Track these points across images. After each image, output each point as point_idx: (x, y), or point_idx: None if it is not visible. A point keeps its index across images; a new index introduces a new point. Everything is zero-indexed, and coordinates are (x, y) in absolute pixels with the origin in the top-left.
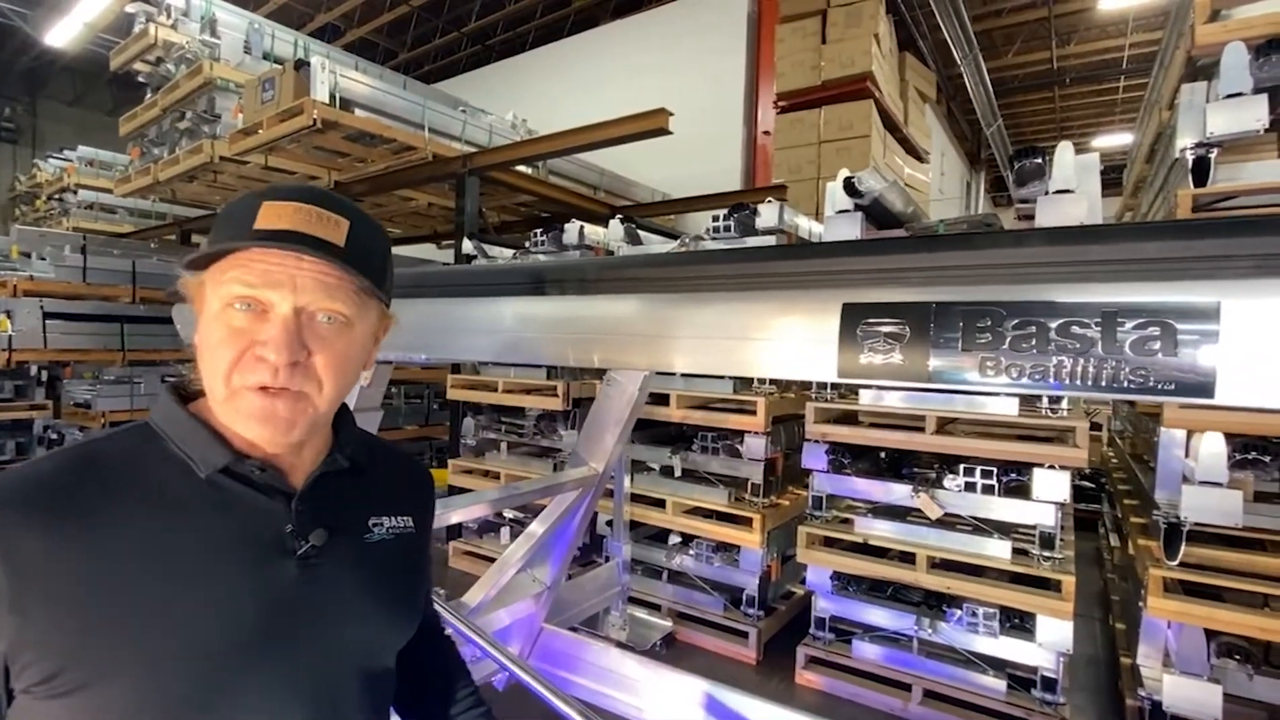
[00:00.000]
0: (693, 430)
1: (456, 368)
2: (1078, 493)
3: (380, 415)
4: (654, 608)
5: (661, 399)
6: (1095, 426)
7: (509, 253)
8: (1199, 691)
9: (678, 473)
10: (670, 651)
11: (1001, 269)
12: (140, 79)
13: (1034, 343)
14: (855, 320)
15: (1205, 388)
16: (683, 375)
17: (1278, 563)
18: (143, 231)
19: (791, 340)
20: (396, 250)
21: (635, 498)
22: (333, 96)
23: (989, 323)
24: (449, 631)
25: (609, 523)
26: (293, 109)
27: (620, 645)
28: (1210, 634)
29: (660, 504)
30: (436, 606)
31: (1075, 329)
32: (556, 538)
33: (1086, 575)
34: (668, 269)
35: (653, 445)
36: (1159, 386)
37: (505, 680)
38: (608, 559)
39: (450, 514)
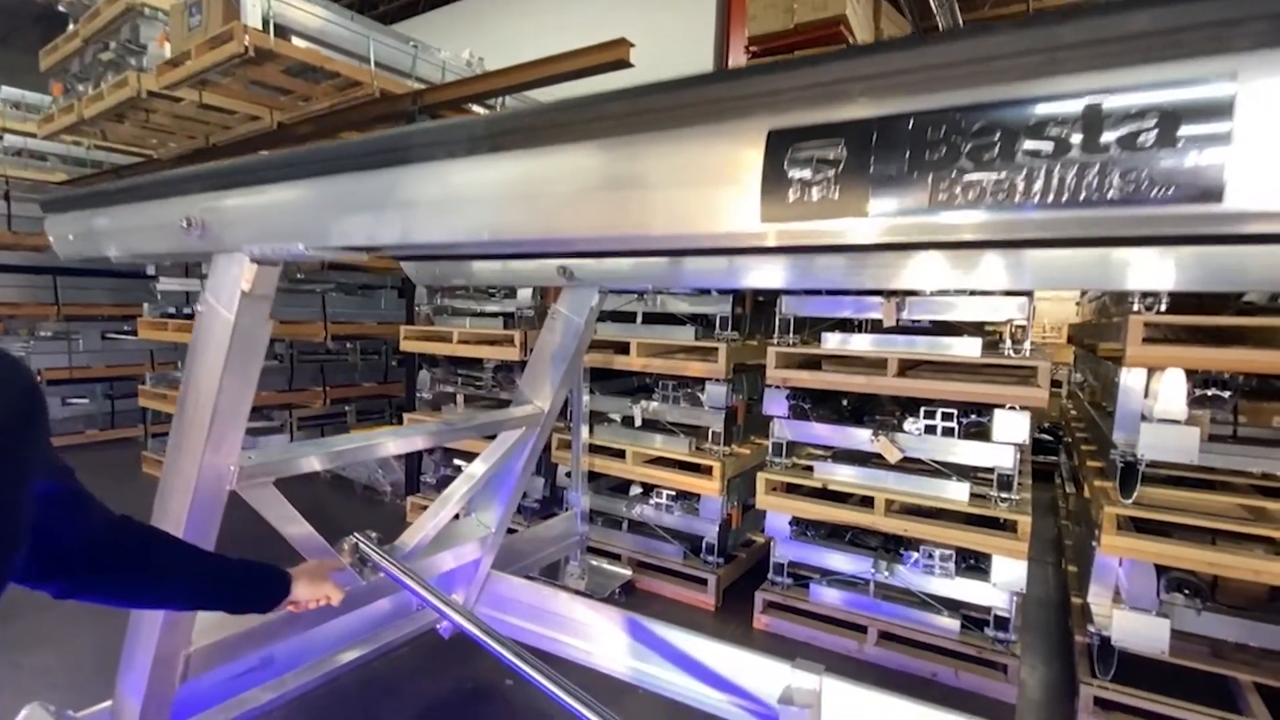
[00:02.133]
0: (654, 380)
1: (410, 318)
2: (1036, 445)
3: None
4: (614, 557)
5: (621, 348)
6: (1055, 384)
7: None
8: (1147, 626)
9: (638, 423)
10: (630, 599)
11: (958, 68)
12: (61, 7)
13: (997, 152)
14: (782, 150)
15: (1212, 191)
16: (644, 323)
17: (1226, 501)
18: (76, 181)
19: (706, 185)
20: None
21: (596, 449)
22: (266, 23)
23: (943, 132)
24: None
25: (569, 474)
26: (222, 35)
27: (572, 591)
28: (1160, 571)
29: (621, 455)
30: (368, 550)
31: (1051, 129)
32: (500, 481)
33: (1042, 523)
34: (540, 117)
35: (613, 396)
36: (1154, 193)
37: (450, 629)
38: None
39: (385, 445)
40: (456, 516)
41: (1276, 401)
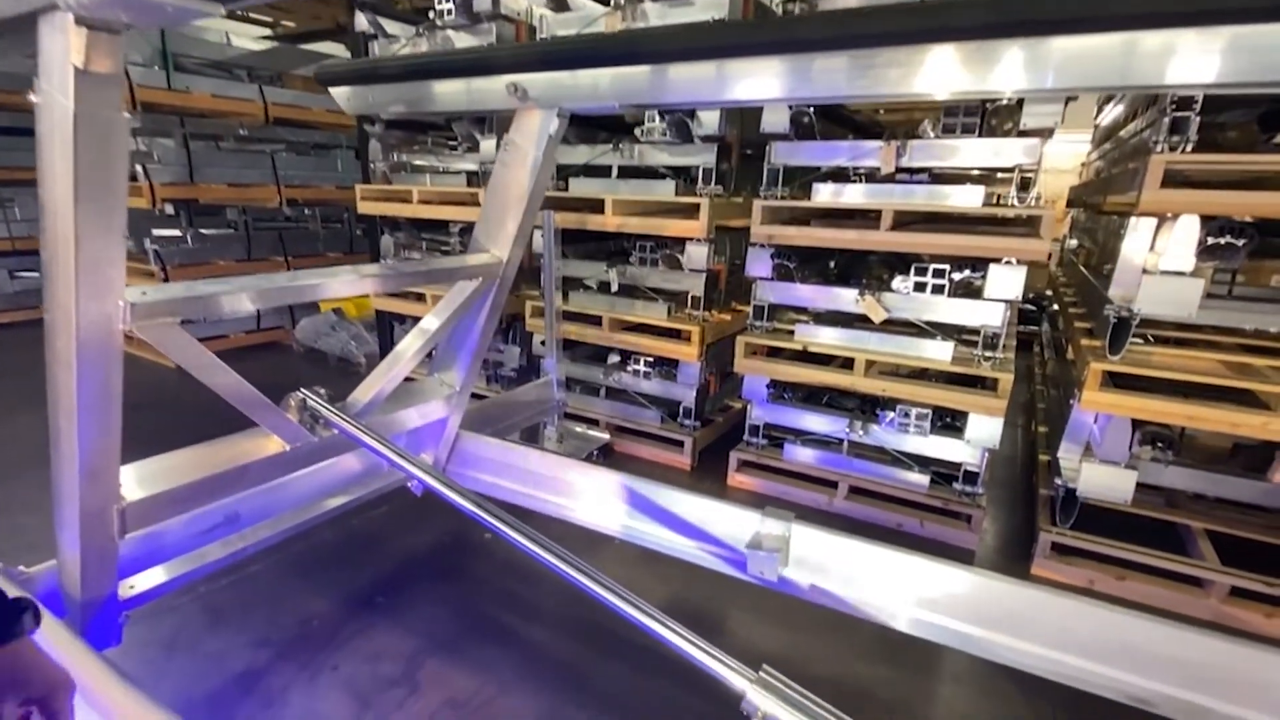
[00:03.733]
0: (631, 242)
1: (366, 177)
2: (1019, 315)
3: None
4: (592, 423)
5: (596, 206)
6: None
7: (409, 29)
8: (1114, 478)
9: (614, 288)
10: (607, 461)
11: None
12: None
13: None
14: None
15: None
16: (620, 177)
17: (1211, 358)
18: None
19: None
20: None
21: (571, 316)
22: None
23: None
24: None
25: (544, 342)
26: None
27: (543, 449)
28: (1135, 425)
29: (597, 321)
30: (316, 406)
31: None
32: (461, 338)
33: (1017, 389)
34: None
35: (588, 260)
36: None
37: (421, 486)
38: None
39: (318, 286)
40: (415, 378)
41: (1277, 259)
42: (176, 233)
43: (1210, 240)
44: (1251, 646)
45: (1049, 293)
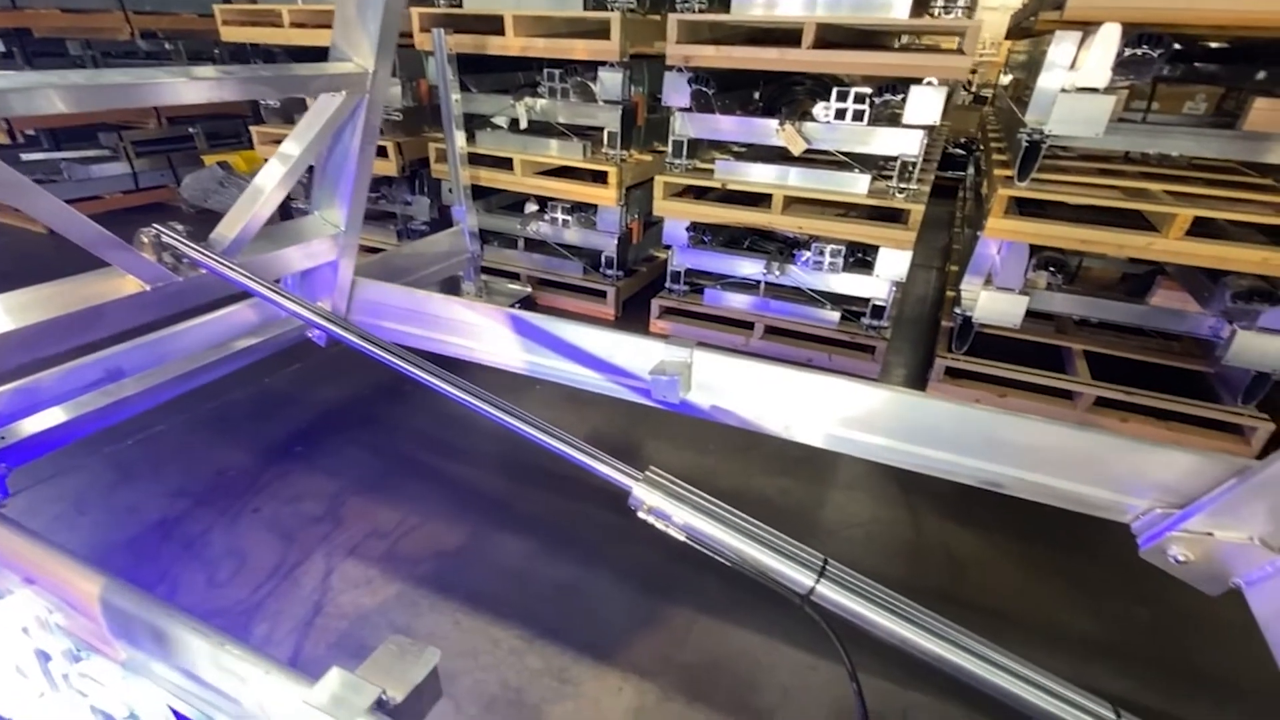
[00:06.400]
0: (539, 69)
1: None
2: (947, 161)
3: None
4: (512, 276)
5: (495, 25)
6: (980, 100)
7: None
8: (1008, 304)
9: (523, 124)
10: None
11: None
12: None
13: None
14: None
15: None
16: None
17: (1114, 184)
18: None
19: None
20: None
21: (480, 159)
22: None
23: None
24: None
25: (451, 190)
26: None
27: (448, 294)
28: (1032, 252)
29: (509, 164)
30: (173, 242)
31: None
32: (336, 170)
33: (935, 235)
34: None
35: (492, 94)
36: None
37: (323, 336)
38: None
39: (150, 90)
40: (290, 216)
41: (1194, 85)
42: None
43: (1128, 52)
44: (1083, 430)
45: (979, 136)
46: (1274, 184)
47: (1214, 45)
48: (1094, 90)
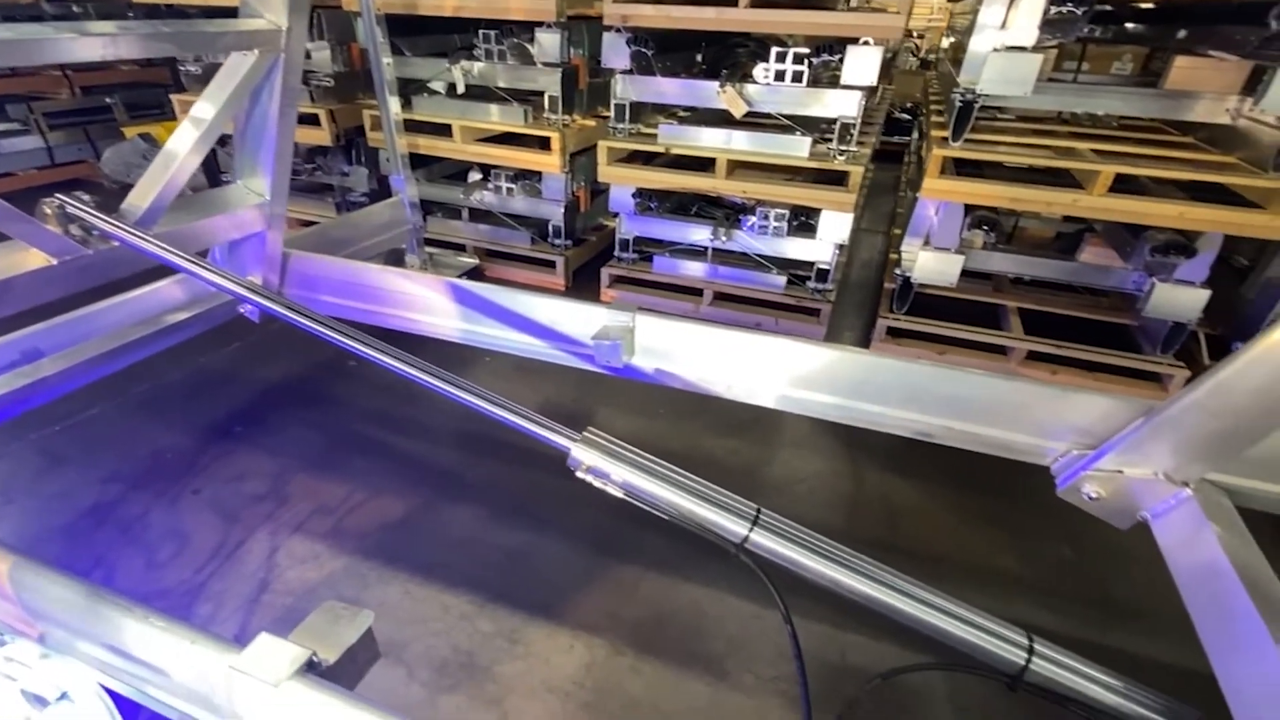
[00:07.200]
0: (476, 34)
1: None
2: (894, 126)
3: None
4: (458, 248)
5: None
6: (926, 65)
7: None
8: (944, 263)
9: (460, 89)
10: None
11: None
12: None
13: None
14: None
15: None
16: None
17: (1043, 144)
18: None
19: None
20: None
21: (418, 126)
22: None
23: None
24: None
25: (389, 159)
26: None
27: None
28: (967, 211)
29: (447, 131)
30: (79, 213)
31: None
32: (255, 134)
33: (885, 201)
34: None
35: (428, 58)
36: None
37: (256, 311)
38: None
39: (69, 49)
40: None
41: (1122, 45)
42: None
43: (1054, 10)
44: (1006, 379)
45: (923, 100)
46: (1194, 142)
47: (1142, 5)
48: (1023, 49)
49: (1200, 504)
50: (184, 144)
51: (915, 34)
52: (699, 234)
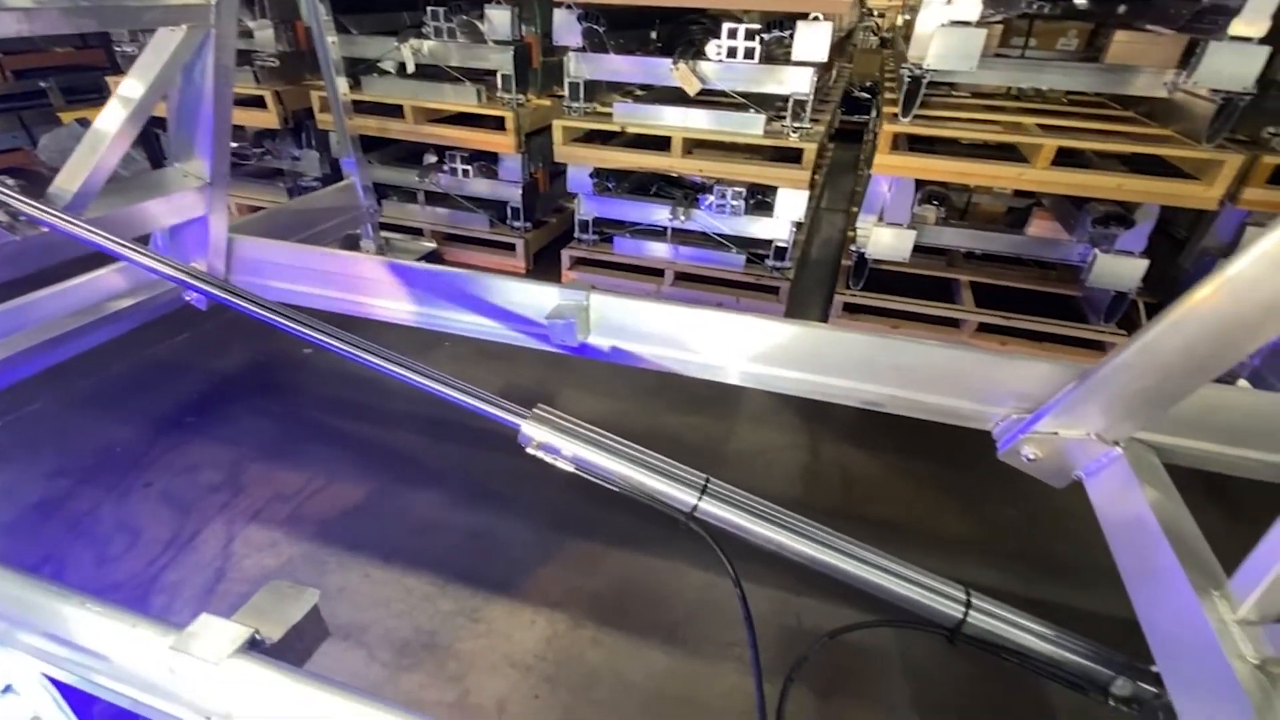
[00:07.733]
0: (422, 7)
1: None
2: (853, 105)
3: None
4: (415, 233)
5: None
6: (885, 44)
7: None
8: (897, 238)
9: (410, 68)
10: None
11: None
12: None
13: None
14: None
15: None
16: None
17: (992, 119)
18: None
19: None
20: None
21: (368, 107)
22: None
23: None
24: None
25: (339, 141)
26: None
27: (331, 248)
28: (919, 186)
29: (399, 112)
30: (4, 198)
31: None
32: (189, 117)
33: (844, 179)
34: None
35: (376, 36)
36: None
37: (203, 299)
38: None
39: None
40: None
41: (1068, 21)
42: None
43: None
44: (949, 347)
45: (880, 77)
46: (1134, 116)
47: None
48: (967, 24)
49: (1129, 461)
50: (112, 124)
51: (875, 13)
52: (658, 214)
